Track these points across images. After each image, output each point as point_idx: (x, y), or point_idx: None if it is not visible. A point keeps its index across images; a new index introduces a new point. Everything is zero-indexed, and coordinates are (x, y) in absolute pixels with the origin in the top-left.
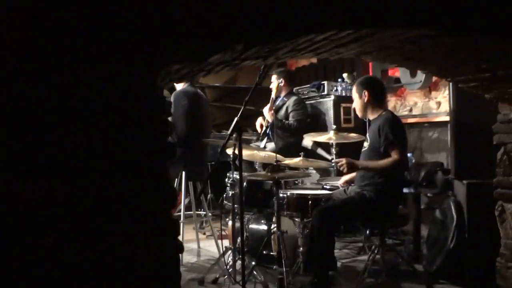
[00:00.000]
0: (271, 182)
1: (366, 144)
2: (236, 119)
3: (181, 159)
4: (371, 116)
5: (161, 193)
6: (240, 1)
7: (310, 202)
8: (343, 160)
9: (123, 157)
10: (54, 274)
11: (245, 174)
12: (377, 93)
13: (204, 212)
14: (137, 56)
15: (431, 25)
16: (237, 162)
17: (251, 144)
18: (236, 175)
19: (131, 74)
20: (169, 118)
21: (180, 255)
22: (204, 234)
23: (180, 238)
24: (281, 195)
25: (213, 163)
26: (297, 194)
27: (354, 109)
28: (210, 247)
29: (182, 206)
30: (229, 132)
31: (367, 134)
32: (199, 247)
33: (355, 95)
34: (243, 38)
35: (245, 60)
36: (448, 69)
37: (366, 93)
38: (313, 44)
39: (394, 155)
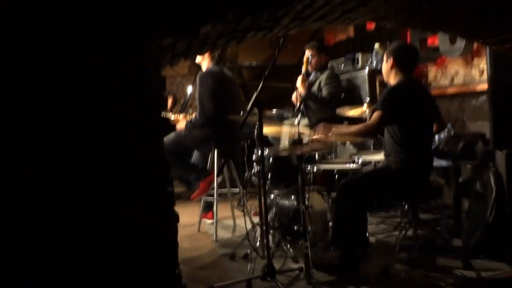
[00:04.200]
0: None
1: None
2: (255, 94)
3: (211, 138)
4: (392, 82)
5: (153, 165)
6: None
7: (336, 176)
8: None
9: (111, 131)
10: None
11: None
12: (402, 59)
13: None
14: (122, 29)
15: None
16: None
17: (285, 121)
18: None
19: (117, 48)
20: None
21: (214, 231)
22: (242, 211)
23: (214, 215)
24: (307, 170)
25: (248, 141)
26: (323, 168)
27: None
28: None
29: (215, 184)
30: (248, 108)
31: None
32: (234, 224)
33: (384, 59)
34: (232, 7)
35: (247, 32)
36: (478, 30)
37: (391, 58)
38: (317, 11)
39: (371, 120)
